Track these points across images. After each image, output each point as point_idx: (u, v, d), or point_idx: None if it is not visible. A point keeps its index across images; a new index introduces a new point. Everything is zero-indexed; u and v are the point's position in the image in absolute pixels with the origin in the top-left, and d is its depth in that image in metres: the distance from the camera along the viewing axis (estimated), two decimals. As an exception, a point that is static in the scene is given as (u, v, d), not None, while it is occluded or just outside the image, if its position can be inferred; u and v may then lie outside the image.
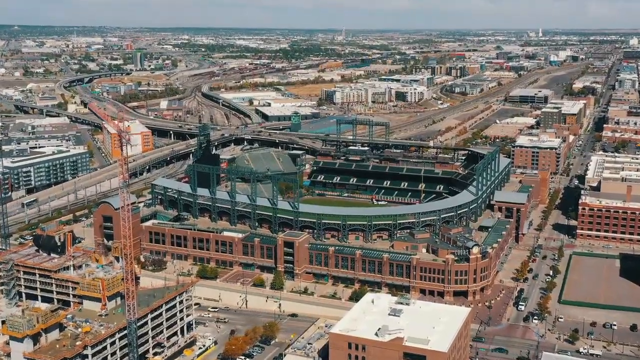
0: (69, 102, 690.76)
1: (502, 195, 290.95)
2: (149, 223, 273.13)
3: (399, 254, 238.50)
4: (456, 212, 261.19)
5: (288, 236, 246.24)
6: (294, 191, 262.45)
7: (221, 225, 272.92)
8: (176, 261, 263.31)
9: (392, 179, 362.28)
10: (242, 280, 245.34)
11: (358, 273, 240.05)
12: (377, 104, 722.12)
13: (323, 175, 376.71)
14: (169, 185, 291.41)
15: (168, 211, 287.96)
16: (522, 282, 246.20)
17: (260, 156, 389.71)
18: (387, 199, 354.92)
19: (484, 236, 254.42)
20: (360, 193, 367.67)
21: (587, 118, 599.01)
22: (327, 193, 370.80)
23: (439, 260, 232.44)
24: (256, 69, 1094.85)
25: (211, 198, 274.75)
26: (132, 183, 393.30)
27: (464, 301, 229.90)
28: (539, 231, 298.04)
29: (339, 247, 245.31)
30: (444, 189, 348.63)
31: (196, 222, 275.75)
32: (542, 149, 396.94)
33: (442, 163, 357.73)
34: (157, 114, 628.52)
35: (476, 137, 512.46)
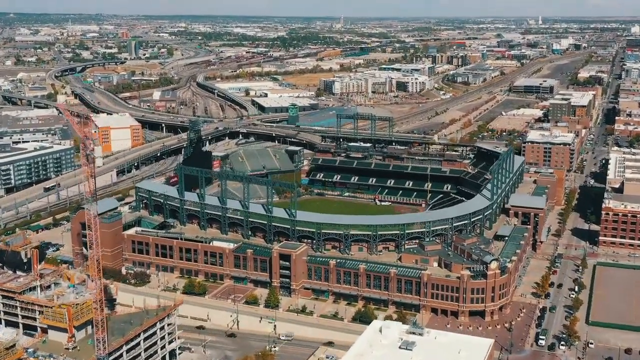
0: (59, 92, 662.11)
1: (519, 199, 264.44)
2: (132, 231, 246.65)
3: (408, 269, 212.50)
4: (470, 219, 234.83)
5: (284, 248, 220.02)
6: (292, 192, 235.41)
7: (211, 233, 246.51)
8: (161, 273, 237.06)
9: (396, 178, 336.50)
10: (234, 297, 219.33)
11: (362, 289, 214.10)
12: (377, 95, 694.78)
13: (322, 174, 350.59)
14: (154, 189, 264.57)
15: (153, 217, 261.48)
16: (544, 298, 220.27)
17: (255, 153, 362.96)
18: (391, 199, 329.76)
19: (500, 247, 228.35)
20: (362, 192, 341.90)
21: (596, 109, 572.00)
22: (327, 192, 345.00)
23: (453, 276, 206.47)
24: (253, 58, 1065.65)
25: (200, 204, 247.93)
26: (119, 181, 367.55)
27: (480, 322, 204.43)
28: (557, 237, 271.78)
29: (341, 261, 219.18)
30: (452, 189, 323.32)
31: (184, 229, 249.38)
32: (555, 145, 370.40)
33: (450, 161, 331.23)
34: (149, 105, 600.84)
35: (482, 130, 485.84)
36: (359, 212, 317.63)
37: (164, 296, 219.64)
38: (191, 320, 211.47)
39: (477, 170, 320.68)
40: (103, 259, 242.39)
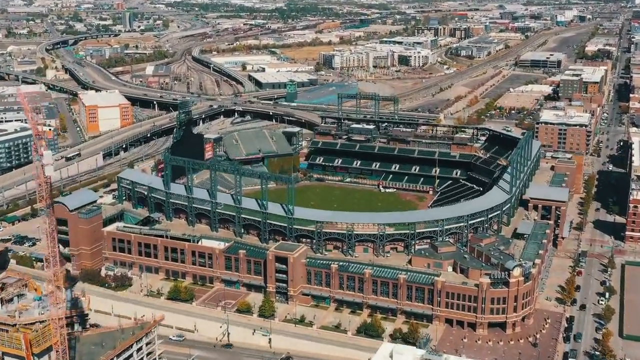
0: (49, 67, 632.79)
1: (538, 191, 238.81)
2: (112, 227, 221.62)
3: (419, 274, 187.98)
4: (487, 216, 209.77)
5: (280, 250, 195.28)
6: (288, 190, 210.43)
7: (200, 230, 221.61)
8: (145, 275, 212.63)
9: (402, 163, 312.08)
10: (224, 304, 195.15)
11: (368, 296, 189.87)
12: (379, 69, 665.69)
13: (322, 157, 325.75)
14: (137, 179, 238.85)
15: (137, 210, 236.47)
16: (570, 305, 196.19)
17: (250, 135, 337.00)
18: (396, 186, 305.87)
19: (520, 246, 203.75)
20: (364, 178, 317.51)
21: (607, 86, 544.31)
22: (327, 178, 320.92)
23: (470, 283, 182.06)
24: (250, 30, 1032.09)
25: (187, 197, 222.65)
26: (105, 165, 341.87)
27: (501, 335, 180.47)
28: (579, 231, 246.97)
29: (344, 264, 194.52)
30: (461, 175, 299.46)
31: (170, 225, 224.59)
32: (570, 126, 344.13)
33: (459, 144, 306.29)
34: (141, 80, 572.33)
35: (490, 108, 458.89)
36: (362, 200, 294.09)
37: (147, 303, 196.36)
38: (176, 331, 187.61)
39: (489, 155, 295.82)
40: (82, 258, 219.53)
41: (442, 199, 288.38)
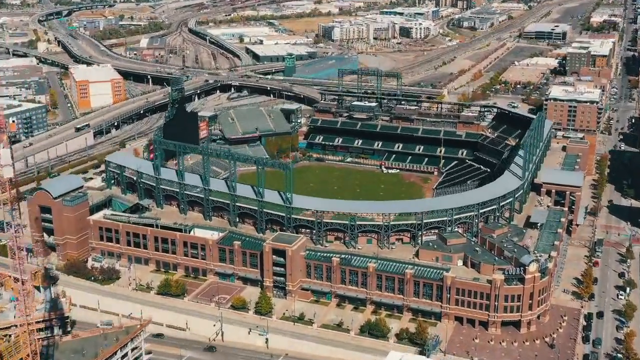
0: (41, 39, 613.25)
1: (552, 175, 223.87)
2: (99, 215, 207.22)
3: (427, 269, 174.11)
4: (499, 204, 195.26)
5: (278, 242, 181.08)
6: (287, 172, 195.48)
7: (192, 218, 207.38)
8: (134, 266, 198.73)
9: (405, 142, 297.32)
10: (218, 299, 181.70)
11: (372, 292, 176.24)
12: (379, 41, 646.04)
13: (322, 136, 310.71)
14: (126, 163, 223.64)
15: (126, 196, 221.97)
16: (588, 300, 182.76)
17: (247, 113, 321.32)
18: (399, 166, 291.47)
19: (534, 236, 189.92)
20: (366, 158, 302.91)
21: (615, 59, 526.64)
22: (327, 157, 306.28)
23: (482, 280, 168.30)
24: (248, 0, 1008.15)
25: (179, 184, 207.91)
26: (97, 144, 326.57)
27: (515, 335, 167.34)
28: (593, 217, 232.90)
29: (346, 257, 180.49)
30: (468, 155, 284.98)
31: (160, 213, 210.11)
32: (580, 103, 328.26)
33: (466, 123, 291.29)
34: (136, 53, 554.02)
35: (494, 82, 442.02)
36: (364, 182, 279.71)
37: (135, 298, 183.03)
38: (167, 329, 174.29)
39: (496, 134, 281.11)
40: (67, 247, 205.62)
41: (448, 181, 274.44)
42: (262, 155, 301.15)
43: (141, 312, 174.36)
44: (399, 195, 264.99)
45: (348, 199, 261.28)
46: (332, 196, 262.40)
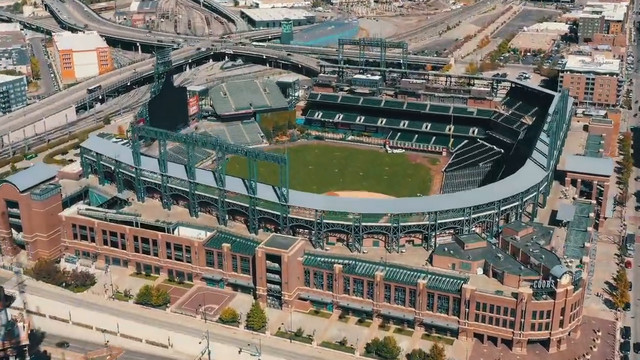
0: (27, 2, 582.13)
1: (578, 163, 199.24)
2: (72, 210, 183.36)
3: (443, 278, 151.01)
4: (522, 199, 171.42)
5: (272, 246, 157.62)
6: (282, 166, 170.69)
7: (177, 214, 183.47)
8: (110, 271, 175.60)
9: (411, 119, 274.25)
10: (204, 310, 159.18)
11: (379, 304, 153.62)
12: (380, 4, 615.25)
13: (321, 112, 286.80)
14: (102, 151, 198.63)
15: (104, 187, 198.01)
16: (623, 309, 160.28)
17: (240, 86, 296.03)
18: (404, 145, 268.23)
19: (561, 235, 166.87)
20: (369, 136, 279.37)
21: (629, 24, 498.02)
22: (327, 135, 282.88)
23: (507, 292, 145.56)
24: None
25: (160, 176, 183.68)
26: (79, 120, 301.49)
27: (543, 355, 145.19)
28: (621, 207, 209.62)
29: (350, 263, 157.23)
30: (479, 134, 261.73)
31: (142, 207, 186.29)
32: (599, 75, 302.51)
33: (477, 99, 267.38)
34: (125, 18, 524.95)
35: (503, 50, 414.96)
36: (367, 163, 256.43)
37: (111, 309, 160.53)
38: (146, 345, 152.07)
39: (511, 112, 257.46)
40: (37, 246, 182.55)
41: (458, 162, 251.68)
42: (257, 133, 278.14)
43: (117, 326, 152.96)
44: (405, 179, 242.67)
45: (349, 183, 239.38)
46: (332, 181, 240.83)
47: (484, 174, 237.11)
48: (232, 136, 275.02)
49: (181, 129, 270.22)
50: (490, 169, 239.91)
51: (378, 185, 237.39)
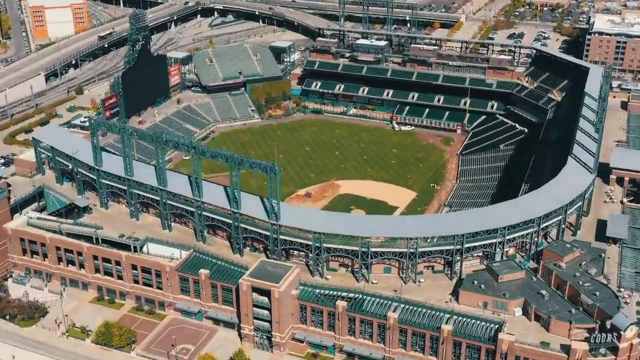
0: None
1: (625, 158, 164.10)
2: (20, 221, 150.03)
3: (472, 322, 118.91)
4: (565, 212, 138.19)
5: (260, 276, 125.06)
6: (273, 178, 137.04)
7: (147, 225, 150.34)
8: (69, 291, 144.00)
9: (422, 91, 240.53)
10: (177, 354, 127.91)
11: (392, 350, 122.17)
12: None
13: (319, 82, 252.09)
14: (58, 145, 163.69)
15: (63, 186, 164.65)
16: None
17: (228, 52, 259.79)
18: (414, 122, 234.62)
19: (614, 256, 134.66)
20: (373, 109, 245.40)
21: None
22: (326, 109, 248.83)
23: (554, 344, 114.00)
24: None
25: (126, 181, 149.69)
26: (49, 89, 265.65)
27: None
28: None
29: (356, 298, 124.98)
30: (499, 108, 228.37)
31: (105, 216, 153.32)
32: (631, 38, 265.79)
33: (497, 69, 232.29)
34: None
35: (517, 4, 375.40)
36: (371, 144, 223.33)
37: (64, 351, 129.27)
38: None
39: (536, 84, 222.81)
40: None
41: (475, 143, 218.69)
42: (248, 106, 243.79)
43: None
44: (416, 164, 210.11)
45: (352, 169, 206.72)
46: (332, 166, 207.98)
47: (507, 158, 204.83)
48: (220, 110, 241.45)
49: (162, 103, 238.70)
50: (513, 152, 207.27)
51: (385, 172, 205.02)
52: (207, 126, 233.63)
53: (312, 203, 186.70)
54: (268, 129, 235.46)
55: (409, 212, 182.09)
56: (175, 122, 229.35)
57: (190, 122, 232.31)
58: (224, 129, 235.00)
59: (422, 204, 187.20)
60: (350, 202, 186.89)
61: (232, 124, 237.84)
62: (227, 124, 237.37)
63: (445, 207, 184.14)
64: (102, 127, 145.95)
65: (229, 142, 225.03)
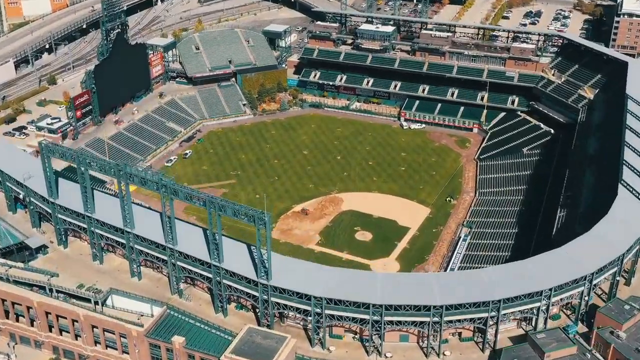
0: None
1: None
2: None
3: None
4: (621, 262, 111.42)
5: (245, 354, 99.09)
6: (258, 234, 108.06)
7: (112, 270, 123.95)
8: (19, 350, 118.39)
9: (434, 84, 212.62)
10: None
11: None
12: None
13: (319, 72, 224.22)
14: (7, 167, 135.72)
15: (16, 215, 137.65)
16: None
17: (217, 38, 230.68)
18: (424, 119, 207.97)
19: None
20: (379, 103, 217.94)
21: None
22: (326, 102, 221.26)
23: None
24: None
25: (85, 218, 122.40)
26: (18, 78, 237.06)
27: None
28: None
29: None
30: (520, 104, 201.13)
31: (63, 256, 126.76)
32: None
33: (519, 59, 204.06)
34: None
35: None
36: (377, 145, 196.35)
37: None
38: None
39: (564, 78, 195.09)
40: None
41: (495, 146, 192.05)
42: (238, 100, 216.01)
43: None
44: (428, 172, 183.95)
45: (355, 177, 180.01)
46: (333, 174, 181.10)
47: (532, 165, 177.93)
48: (207, 105, 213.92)
49: (142, 97, 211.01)
50: (539, 157, 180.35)
51: (393, 182, 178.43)
52: (192, 124, 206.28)
53: (311, 222, 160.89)
54: (261, 127, 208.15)
55: (422, 233, 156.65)
56: (156, 120, 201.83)
57: (174, 120, 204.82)
58: (212, 127, 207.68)
59: (437, 224, 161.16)
60: (355, 221, 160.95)
61: (221, 121, 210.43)
62: (215, 121, 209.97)
63: (464, 227, 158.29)
64: (53, 154, 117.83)
65: (217, 144, 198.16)
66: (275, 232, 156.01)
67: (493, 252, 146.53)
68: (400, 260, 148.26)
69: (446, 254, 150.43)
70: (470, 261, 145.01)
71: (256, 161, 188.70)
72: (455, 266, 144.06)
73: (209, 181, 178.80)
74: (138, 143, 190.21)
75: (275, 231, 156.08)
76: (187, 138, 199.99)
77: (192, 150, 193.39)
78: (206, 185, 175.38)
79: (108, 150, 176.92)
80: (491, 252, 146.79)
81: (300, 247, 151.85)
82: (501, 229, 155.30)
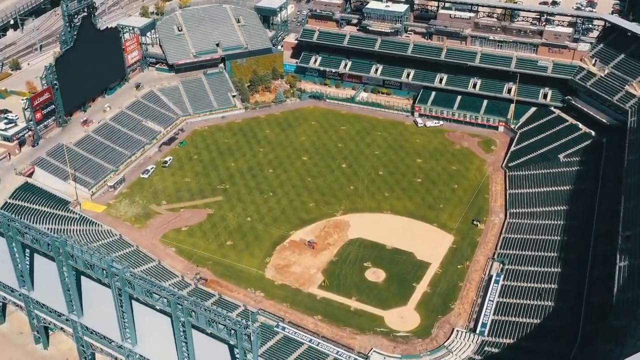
0: None
1: None
2: None
3: None
4: None
5: None
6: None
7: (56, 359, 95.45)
8: None
9: (453, 73, 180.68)
10: None
11: None
12: None
13: (320, 57, 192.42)
14: None
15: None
16: None
17: (203, 15, 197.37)
18: (442, 114, 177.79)
19: None
20: (389, 94, 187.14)
21: None
22: (328, 92, 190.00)
23: None
24: None
25: (22, 295, 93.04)
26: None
27: None
28: None
29: None
30: (554, 99, 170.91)
31: None
32: None
33: (554, 46, 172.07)
34: None
35: None
36: (388, 148, 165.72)
37: None
38: None
39: (607, 71, 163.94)
40: None
41: (526, 151, 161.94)
42: (228, 91, 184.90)
43: None
44: (449, 185, 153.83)
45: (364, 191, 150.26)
46: (337, 189, 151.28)
47: (572, 178, 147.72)
48: (191, 98, 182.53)
49: (116, 89, 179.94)
50: (579, 167, 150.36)
51: (408, 199, 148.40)
52: (174, 122, 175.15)
53: (313, 256, 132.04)
54: (254, 125, 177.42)
55: (445, 271, 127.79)
56: (132, 119, 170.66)
57: (153, 118, 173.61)
58: (197, 126, 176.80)
59: (462, 257, 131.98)
60: (364, 255, 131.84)
61: (207, 117, 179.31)
62: (201, 118, 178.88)
63: (495, 261, 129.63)
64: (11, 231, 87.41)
65: (202, 147, 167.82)
66: (269, 269, 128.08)
67: (533, 300, 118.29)
68: (420, 310, 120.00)
69: (475, 300, 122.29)
70: (505, 312, 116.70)
71: (248, 170, 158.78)
72: (487, 320, 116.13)
73: (191, 198, 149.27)
74: (109, 149, 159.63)
75: (270, 268, 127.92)
76: (167, 140, 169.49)
77: (174, 156, 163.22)
78: (189, 204, 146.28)
79: (69, 162, 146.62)
80: (531, 300, 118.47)
81: (300, 291, 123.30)
82: (540, 265, 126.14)
